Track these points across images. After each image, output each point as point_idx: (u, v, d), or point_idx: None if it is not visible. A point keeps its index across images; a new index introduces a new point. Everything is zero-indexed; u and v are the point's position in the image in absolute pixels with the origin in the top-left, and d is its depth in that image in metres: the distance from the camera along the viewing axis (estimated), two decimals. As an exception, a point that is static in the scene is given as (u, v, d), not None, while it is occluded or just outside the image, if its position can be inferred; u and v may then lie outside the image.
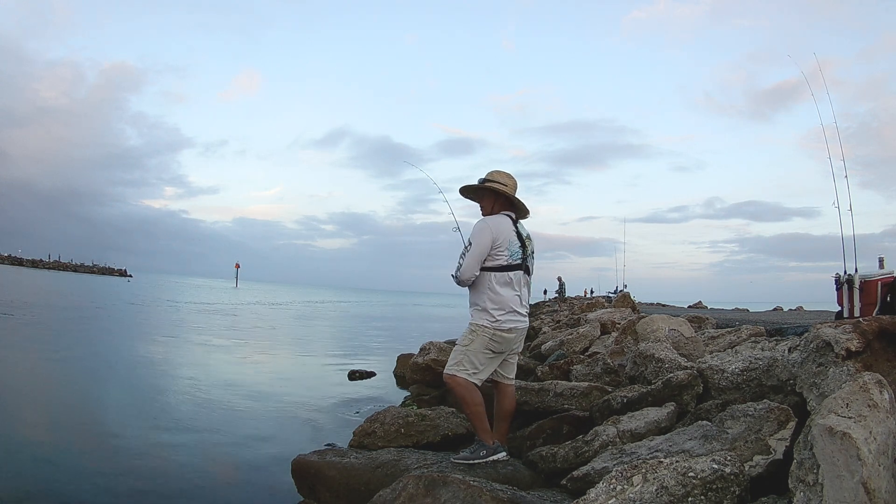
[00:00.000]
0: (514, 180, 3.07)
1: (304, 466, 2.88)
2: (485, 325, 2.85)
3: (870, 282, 5.45)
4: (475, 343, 2.85)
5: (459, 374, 2.84)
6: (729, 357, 3.61)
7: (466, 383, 2.83)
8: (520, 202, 3.03)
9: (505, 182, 3.02)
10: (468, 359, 2.85)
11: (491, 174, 3.07)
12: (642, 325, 4.83)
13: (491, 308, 2.85)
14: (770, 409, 2.49)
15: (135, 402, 5.29)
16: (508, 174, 3.07)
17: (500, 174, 3.06)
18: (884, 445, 1.35)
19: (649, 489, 1.62)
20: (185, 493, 3.10)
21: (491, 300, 2.85)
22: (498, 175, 3.05)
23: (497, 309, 2.85)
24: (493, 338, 2.85)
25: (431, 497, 2.09)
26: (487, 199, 3.06)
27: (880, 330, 1.71)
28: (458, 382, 2.85)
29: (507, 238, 2.89)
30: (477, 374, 2.85)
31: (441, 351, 6.07)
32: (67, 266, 69.06)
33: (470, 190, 3.13)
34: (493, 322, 2.84)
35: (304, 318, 17.96)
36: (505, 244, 2.88)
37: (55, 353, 7.94)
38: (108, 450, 3.71)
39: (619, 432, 2.76)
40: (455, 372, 2.85)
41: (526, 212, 3.09)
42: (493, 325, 2.84)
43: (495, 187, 2.99)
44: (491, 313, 2.84)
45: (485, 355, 2.86)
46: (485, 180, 3.04)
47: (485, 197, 3.07)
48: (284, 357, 9.48)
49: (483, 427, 2.86)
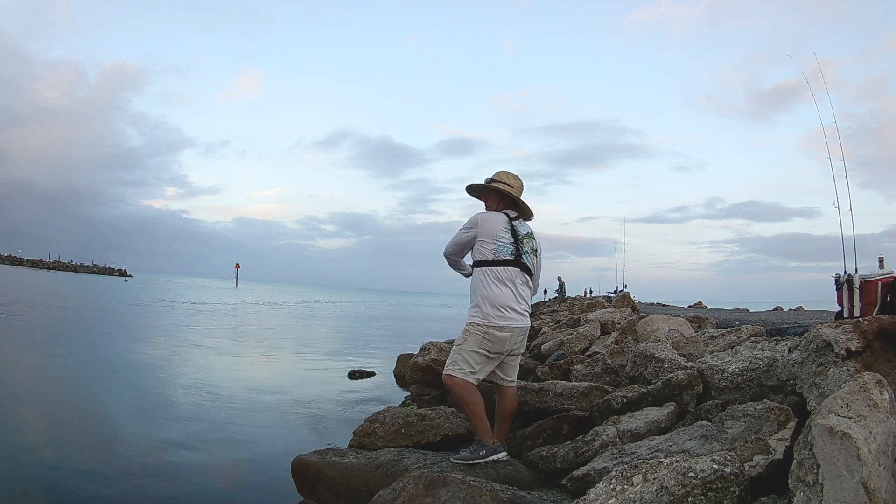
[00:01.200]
0: (521, 182, 3.10)
1: (304, 466, 2.87)
2: (476, 322, 2.84)
3: (870, 282, 5.45)
4: (468, 342, 2.84)
5: (456, 374, 2.83)
6: (729, 357, 3.61)
7: (464, 383, 2.82)
8: (523, 204, 3.06)
9: (511, 183, 3.05)
10: (463, 358, 2.84)
11: (498, 174, 3.10)
12: (642, 325, 4.83)
13: (482, 305, 2.85)
14: (770, 409, 2.49)
15: (133, 402, 5.29)
16: (515, 175, 3.10)
17: (506, 175, 3.08)
18: (884, 445, 1.35)
19: (649, 489, 1.62)
20: (185, 493, 3.10)
21: (483, 297, 2.86)
22: (504, 176, 3.08)
23: (489, 305, 2.84)
24: (485, 336, 2.82)
25: (431, 497, 2.09)
26: (492, 199, 3.10)
27: (880, 330, 1.71)
28: (455, 382, 2.84)
29: (493, 232, 2.90)
30: (474, 374, 2.83)
31: (441, 351, 6.06)
32: (67, 266, 69.04)
33: (476, 189, 3.17)
34: (484, 319, 2.82)
35: (303, 318, 17.96)
36: (490, 237, 2.89)
37: (54, 354, 7.94)
38: (108, 450, 3.71)
39: (619, 432, 2.76)
40: (452, 372, 2.85)
41: (530, 214, 3.12)
42: (484, 322, 2.82)
43: (501, 188, 3.03)
44: (482, 310, 2.84)
45: (479, 354, 2.84)
46: (491, 180, 3.08)
47: (489, 196, 3.12)
48: (284, 357, 9.48)
49: (482, 427, 2.84)
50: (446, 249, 3.11)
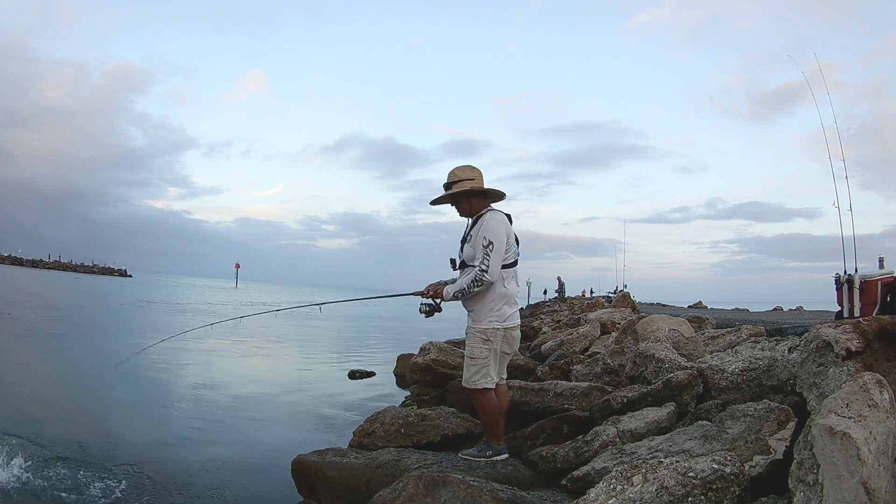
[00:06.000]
0: (479, 169, 2.98)
1: (304, 466, 2.87)
2: (496, 326, 2.84)
3: (870, 282, 5.45)
4: (492, 351, 2.85)
5: (487, 386, 2.86)
6: (729, 357, 3.61)
7: (491, 394, 2.89)
8: (493, 190, 2.97)
9: (473, 177, 2.93)
10: (486, 370, 2.85)
11: (453, 174, 2.95)
12: (642, 325, 4.83)
13: (501, 307, 2.85)
14: (770, 409, 2.49)
15: (132, 401, 5.29)
16: (470, 166, 2.98)
17: (463, 170, 2.95)
18: (884, 445, 1.35)
19: (649, 489, 1.62)
20: (185, 493, 3.10)
21: (501, 298, 2.85)
22: (461, 172, 2.94)
23: (507, 306, 2.86)
24: (504, 338, 2.88)
25: (431, 497, 2.09)
26: (464, 201, 2.96)
27: (880, 330, 1.71)
28: (485, 395, 2.88)
29: (511, 234, 2.90)
30: (493, 380, 2.89)
31: (441, 351, 6.06)
32: (67, 266, 68.99)
33: (444, 199, 3.02)
34: (504, 322, 2.85)
35: (303, 318, 18.23)
36: (512, 241, 2.89)
37: (54, 353, 7.94)
38: (108, 450, 3.71)
39: (619, 432, 2.76)
40: (484, 385, 2.85)
41: (503, 193, 3.02)
42: (502, 326, 2.85)
43: (470, 187, 2.90)
44: (502, 313, 2.85)
45: (494, 359, 2.87)
46: (452, 183, 2.93)
47: (460, 200, 2.96)
48: (284, 357, 9.48)
49: (495, 432, 2.92)
50: (494, 272, 2.75)
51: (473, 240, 2.85)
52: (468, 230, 2.96)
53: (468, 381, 2.88)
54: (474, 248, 2.82)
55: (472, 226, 2.94)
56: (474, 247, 2.82)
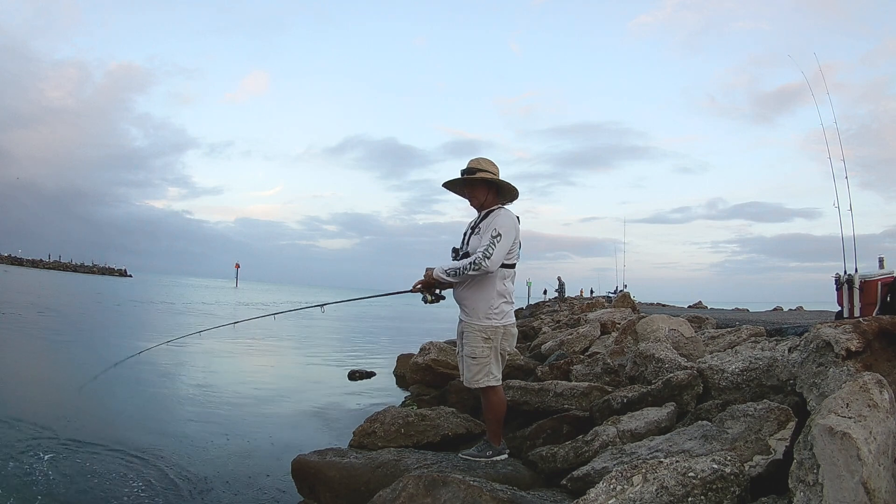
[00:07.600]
0: (497, 165, 2.96)
1: (304, 466, 2.87)
2: (496, 325, 2.85)
3: (870, 282, 5.46)
4: (493, 349, 2.86)
5: (491, 384, 2.87)
6: (729, 357, 3.61)
7: (500, 390, 2.94)
8: (507, 185, 2.93)
9: (494, 171, 2.92)
10: (490, 369, 2.86)
11: (477, 162, 2.91)
12: (642, 325, 4.83)
13: (500, 305, 2.85)
14: (770, 409, 2.49)
15: (132, 401, 5.28)
16: (490, 160, 2.94)
17: (486, 162, 2.92)
18: (884, 445, 1.35)
19: (649, 489, 1.62)
20: (185, 493, 3.10)
21: (500, 296, 2.85)
22: (485, 163, 2.91)
23: (505, 304, 2.88)
24: (504, 336, 2.89)
25: (431, 497, 2.09)
26: (480, 191, 2.92)
27: (880, 330, 1.71)
28: (494, 392, 2.90)
29: (518, 236, 2.89)
30: (497, 377, 2.90)
31: (441, 351, 6.06)
32: (67, 266, 68.99)
33: (458, 183, 2.97)
34: (503, 319, 2.87)
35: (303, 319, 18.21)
36: (517, 242, 2.89)
37: (53, 353, 7.93)
38: (108, 449, 3.70)
39: (619, 432, 2.76)
40: (492, 383, 2.86)
41: (516, 192, 2.98)
42: (503, 323, 2.86)
43: (489, 177, 2.88)
44: (501, 310, 2.86)
45: (497, 357, 2.89)
46: (472, 170, 2.89)
47: (477, 188, 2.92)
48: (284, 357, 9.47)
49: (498, 432, 2.94)
50: (496, 262, 2.71)
51: (482, 231, 2.81)
52: (477, 221, 2.91)
53: (470, 380, 2.88)
54: (481, 238, 2.78)
55: (482, 218, 2.89)
56: (482, 237, 2.79)
